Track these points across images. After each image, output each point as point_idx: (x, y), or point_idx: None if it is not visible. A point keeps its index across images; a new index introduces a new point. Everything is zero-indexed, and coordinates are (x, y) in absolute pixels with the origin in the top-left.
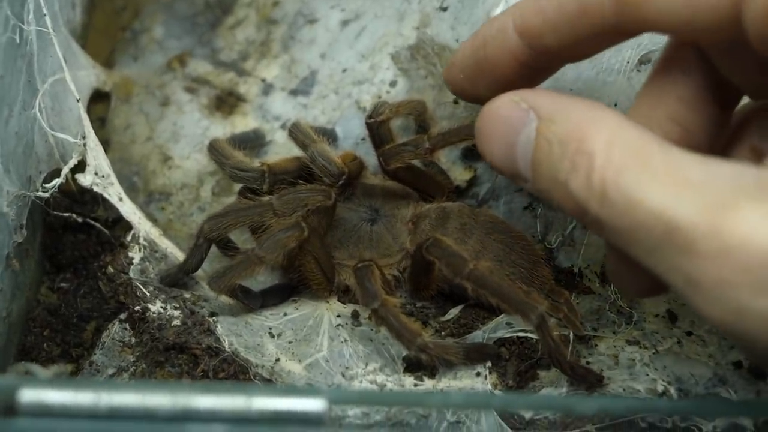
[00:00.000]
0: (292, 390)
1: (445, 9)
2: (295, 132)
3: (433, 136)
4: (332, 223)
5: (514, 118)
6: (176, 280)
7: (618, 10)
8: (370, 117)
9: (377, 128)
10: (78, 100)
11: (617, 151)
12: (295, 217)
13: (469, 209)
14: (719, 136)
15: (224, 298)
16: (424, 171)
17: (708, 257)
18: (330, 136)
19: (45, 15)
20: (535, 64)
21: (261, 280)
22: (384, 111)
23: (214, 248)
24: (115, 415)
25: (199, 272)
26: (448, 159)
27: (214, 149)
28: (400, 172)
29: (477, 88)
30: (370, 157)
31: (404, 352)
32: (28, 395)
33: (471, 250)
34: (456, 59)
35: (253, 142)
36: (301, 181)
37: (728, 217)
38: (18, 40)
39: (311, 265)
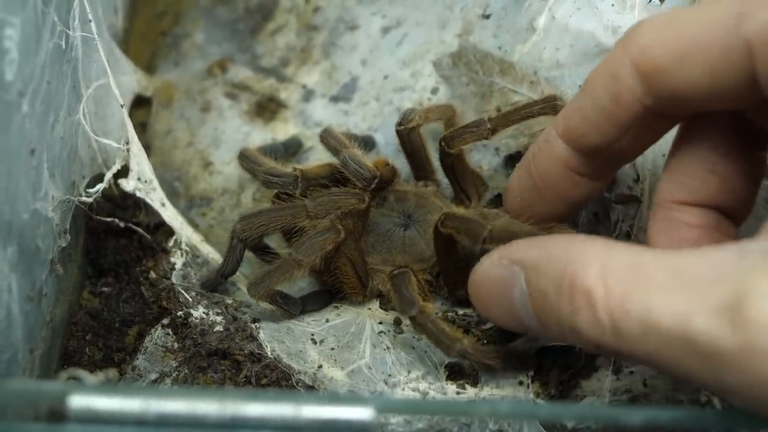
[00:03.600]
0: (340, 398)
1: (487, 17)
2: (327, 137)
3: (493, 117)
4: (365, 228)
5: (503, 278)
6: (216, 284)
7: (647, 89)
8: (400, 124)
9: (407, 135)
10: (122, 106)
11: (613, 279)
12: (330, 219)
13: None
14: (757, 177)
15: (265, 304)
16: (470, 167)
17: (735, 361)
18: (370, 142)
19: (90, 21)
20: (587, 171)
21: (302, 286)
22: (414, 118)
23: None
24: (163, 421)
25: (241, 278)
26: (490, 167)
27: (245, 157)
28: (456, 161)
29: (536, 208)
30: (407, 165)
31: (446, 360)
32: (78, 401)
33: None
34: (512, 184)
35: (283, 153)
36: (333, 186)
37: (744, 309)
38: (64, 46)
39: (346, 268)
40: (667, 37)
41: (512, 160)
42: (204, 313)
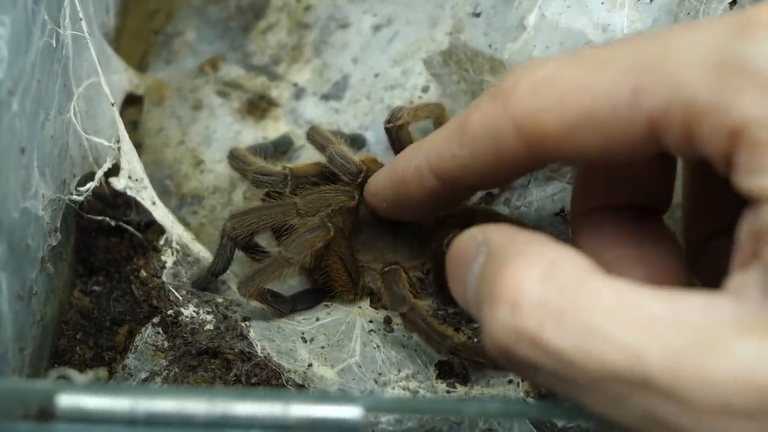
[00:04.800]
0: (329, 397)
1: (478, 15)
2: (313, 135)
3: None
4: (356, 225)
5: (469, 251)
6: (206, 282)
7: (532, 151)
8: (388, 122)
9: (396, 133)
10: (113, 104)
11: (554, 288)
12: (319, 217)
13: (496, 212)
14: (669, 172)
15: (255, 303)
16: None
17: (699, 408)
18: (360, 140)
19: (81, 19)
20: (453, 193)
21: (293, 284)
22: (402, 115)
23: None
24: (152, 421)
25: (231, 277)
26: None
27: (234, 157)
28: None
29: (399, 214)
30: None
31: (436, 359)
32: (66, 400)
33: None
34: (378, 190)
35: (273, 152)
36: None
37: (717, 357)
38: (54, 45)
39: (337, 265)
40: (552, 104)
41: None
42: (194, 311)
